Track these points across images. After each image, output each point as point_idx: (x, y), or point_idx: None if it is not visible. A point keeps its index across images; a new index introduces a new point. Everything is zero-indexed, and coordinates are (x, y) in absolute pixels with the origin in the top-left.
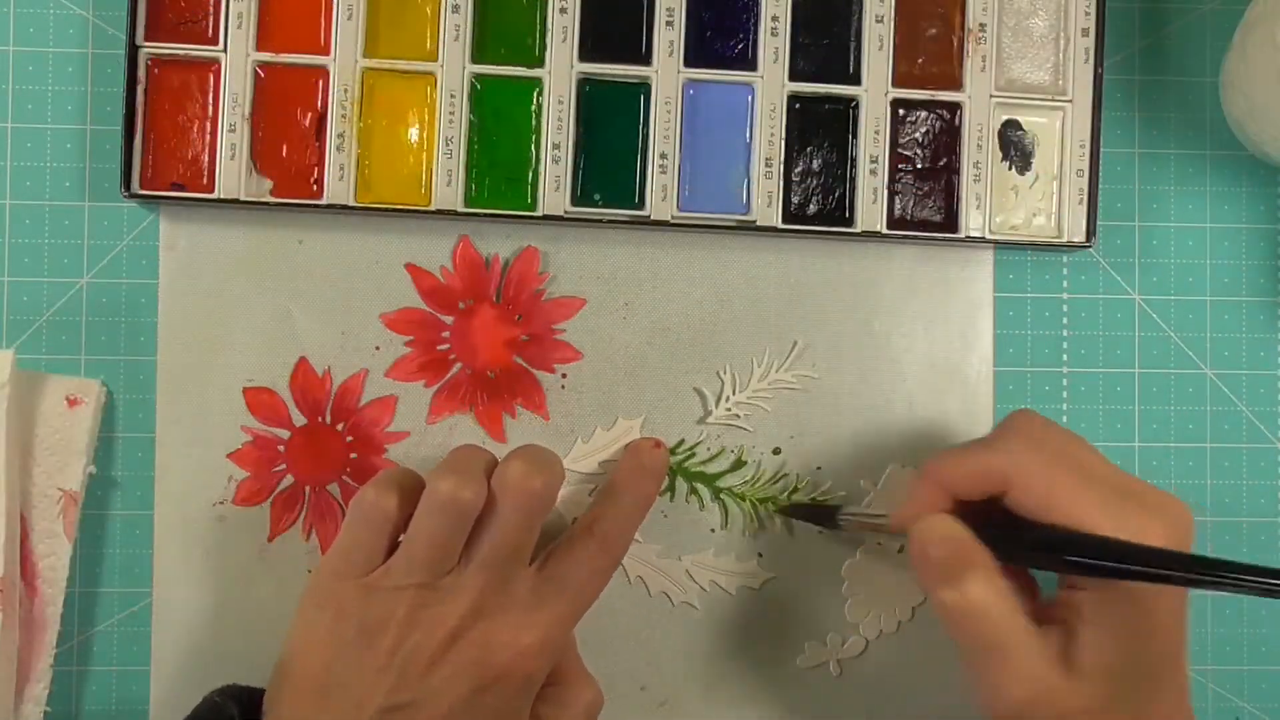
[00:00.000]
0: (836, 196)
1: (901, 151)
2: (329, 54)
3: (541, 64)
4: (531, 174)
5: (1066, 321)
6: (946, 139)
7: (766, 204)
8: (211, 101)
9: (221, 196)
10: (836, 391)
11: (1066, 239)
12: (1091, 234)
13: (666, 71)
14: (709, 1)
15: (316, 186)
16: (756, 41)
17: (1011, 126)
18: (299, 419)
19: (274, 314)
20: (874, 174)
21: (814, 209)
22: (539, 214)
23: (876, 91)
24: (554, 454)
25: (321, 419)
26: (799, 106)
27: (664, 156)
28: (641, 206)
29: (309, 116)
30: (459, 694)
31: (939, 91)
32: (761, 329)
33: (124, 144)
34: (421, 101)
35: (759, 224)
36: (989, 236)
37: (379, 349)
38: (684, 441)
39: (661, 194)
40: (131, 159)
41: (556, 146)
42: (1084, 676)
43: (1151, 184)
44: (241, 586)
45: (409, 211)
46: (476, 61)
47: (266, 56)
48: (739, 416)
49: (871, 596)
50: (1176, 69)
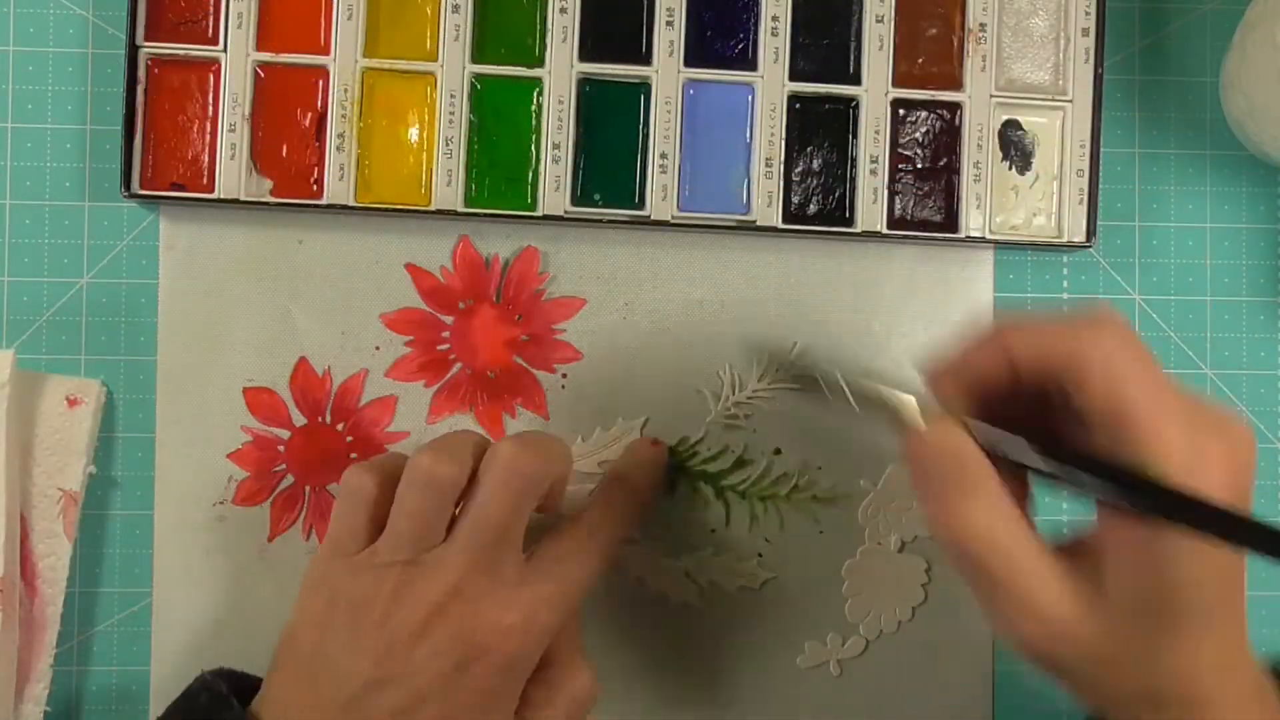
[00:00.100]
0: (836, 196)
1: (902, 151)
2: (329, 54)
3: (541, 64)
4: (531, 174)
5: None
6: (947, 139)
7: (766, 204)
8: (211, 101)
9: (221, 196)
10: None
11: (1066, 239)
12: (1091, 234)
13: (666, 71)
14: (709, 1)
15: (316, 186)
16: (756, 41)
17: (1011, 126)
18: (299, 419)
19: (274, 314)
20: (874, 174)
21: (814, 209)
22: (539, 214)
23: (876, 91)
24: (558, 442)
25: (321, 419)
26: (799, 106)
27: (664, 156)
28: (641, 206)
29: (309, 116)
30: (439, 670)
31: (939, 91)
32: (760, 329)
33: (124, 144)
34: (421, 101)
35: (759, 224)
36: (989, 236)
37: (379, 349)
38: (686, 439)
39: (661, 194)
40: (131, 159)
41: (556, 146)
42: (1112, 612)
43: (1151, 184)
44: (241, 586)
45: (409, 211)
46: (476, 61)
47: (266, 56)
48: (739, 416)
49: (871, 596)
50: (1176, 69)
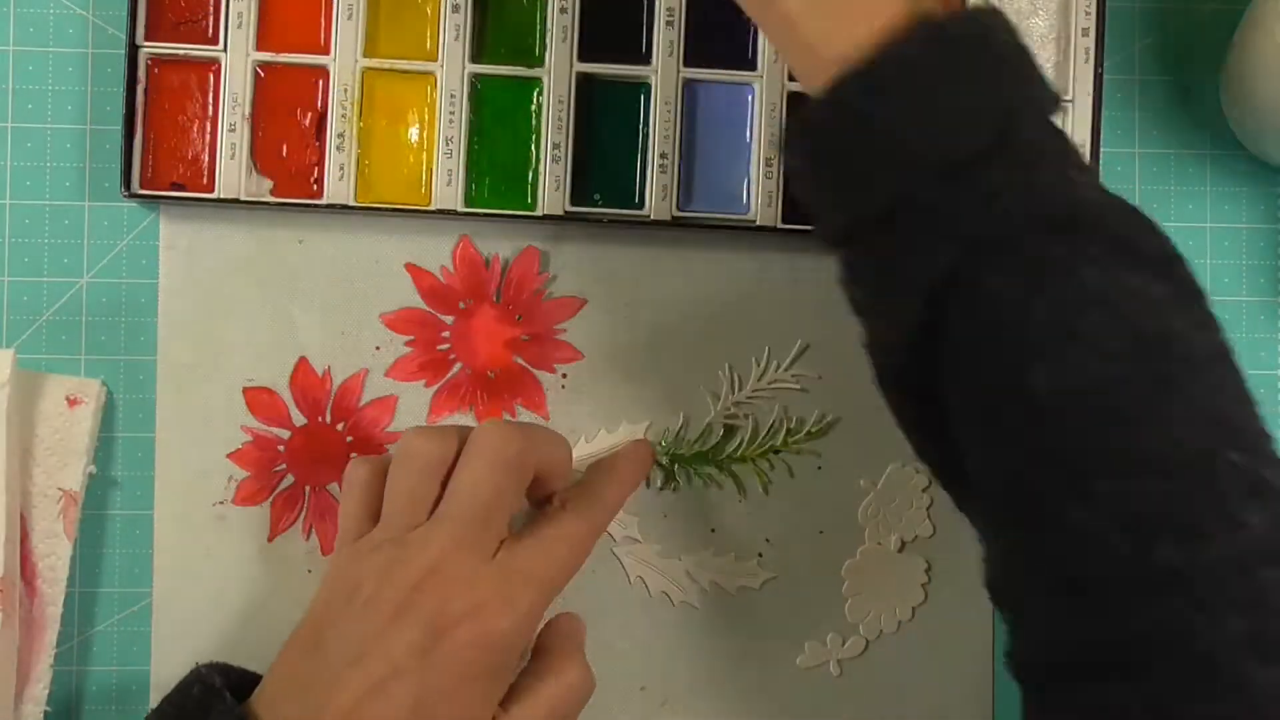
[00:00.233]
0: None
1: None
2: (329, 54)
3: (541, 64)
4: (531, 174)
5: None
6: None
7: (766, 204)
8: (211, 101)
9: (221, 196)
10: (837, 390)
11: None
12: None
13: (666, 71)
14: (709, 1)
15: (316, 186)
16: (756, 41)
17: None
18: (299, 419)
19: (274, 314)
20: None
21: None
22: (539, 214)
23: None
24: (551, 431)
25: (321, 419)
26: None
27: (664, 156)
28: (641, 206)
29: (309, 116)
30: (412, 644)
31: None
32: (762, 329)
33: (124, 144)
34: (421, 101)
35: (759, 224)
36: None
37: (379, 349)
38: (667, 430)
39: (661, 194)
40: (131, 159)
41: (556, 146)
42: None
43: (1151, 184)
44: (241, 587)
45: (409, 211)
46: (476, 61)
47: (266, 56)
48: (738, 416)
49: (871, 596)
50: (1176, 69)
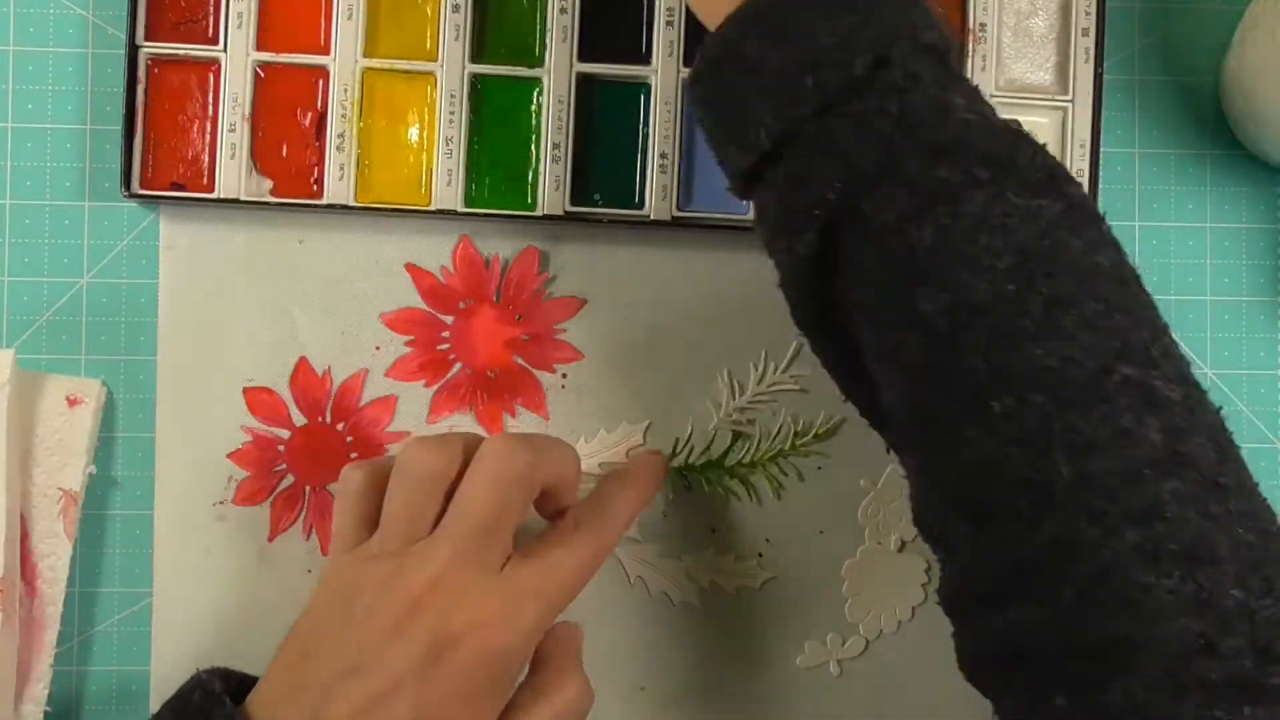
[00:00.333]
0: None
1: None
2: (329, 54)
3: (541, 64)
4: (531, 174)
5: None
6: None
7: None
8: (211, 101)
9: (221, 196)
10: (837, 391)
11: None
12: None
13: (666, 71)
14: None
15: (316, 186)
16: None
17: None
18: (299, 419)
19: (274, 314)
20: None
21: None
22: (539, 214)
23: None
24: (560, 443)
25: (321, 419)
26: None
27: (664, 156)
28: (641, 206)
29: (309, 116)
30: (413, 659)
31: None
32: (762, 328)
33: (124, 144)
34: (421, 101)
35: None
36: None
37: (379, 349)
38: (677, 441)
39: (661, 194)
40: (131, 159)
41: (556, 146)
42: None
43: (1151, 184)
44: (241, 586)
45: (409, 211)
46: (476, 61)
47: (266, 56)
48: (743, 423)
49: (871, 596)
50: (1176, 69)
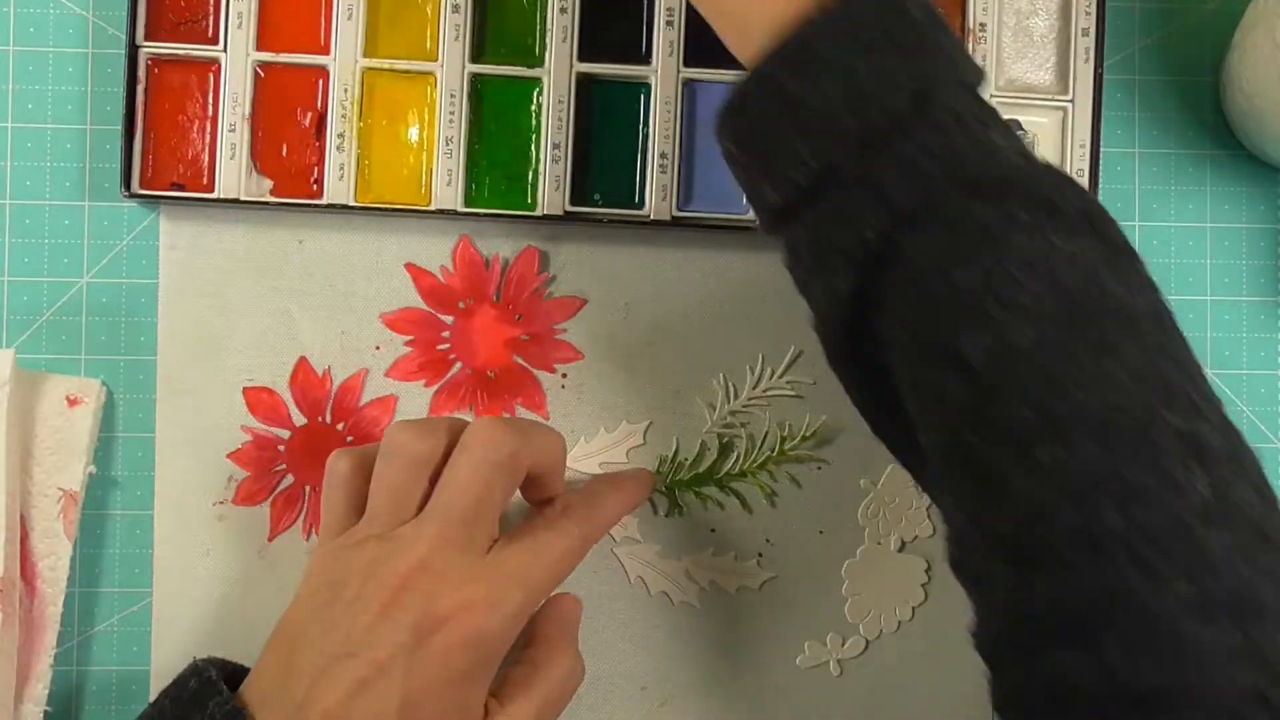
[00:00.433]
0: None
1: None
2: (329, 54)
3: (541, 64)
4: (531, 174)
5: None
6: None
7: None
8: (211, 101)
9: (221, 196)
10: (836, 392)
11: None
12: None
13: (666, 71)
14: None
15: (316, 186)
16: None
17: (1012, 126)
18: (299, 419)
19: (274, 314)
20: None
21: None
22: (539, 214)
23: None
24: (546, 429)
25: (322, 419)
26: None
27: (664, 156)
28: (641, 206)
29: (309, 116)
30: (399, 643)
31: None
32: (761, 329)
33: (124, 144)
34: (421, 101)
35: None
36: None
37: (379, 349)
38: (664, 458)
39: (661, 194)
40: (131, 159)
41: (556, 146)
42: None
43: (1151, 184)
44: (241, 586)
45: (409, 211)
46: (476, 61)
47: (266, 56)
48: (735, 425)
49: (871, 596)
50: (1176, 69)
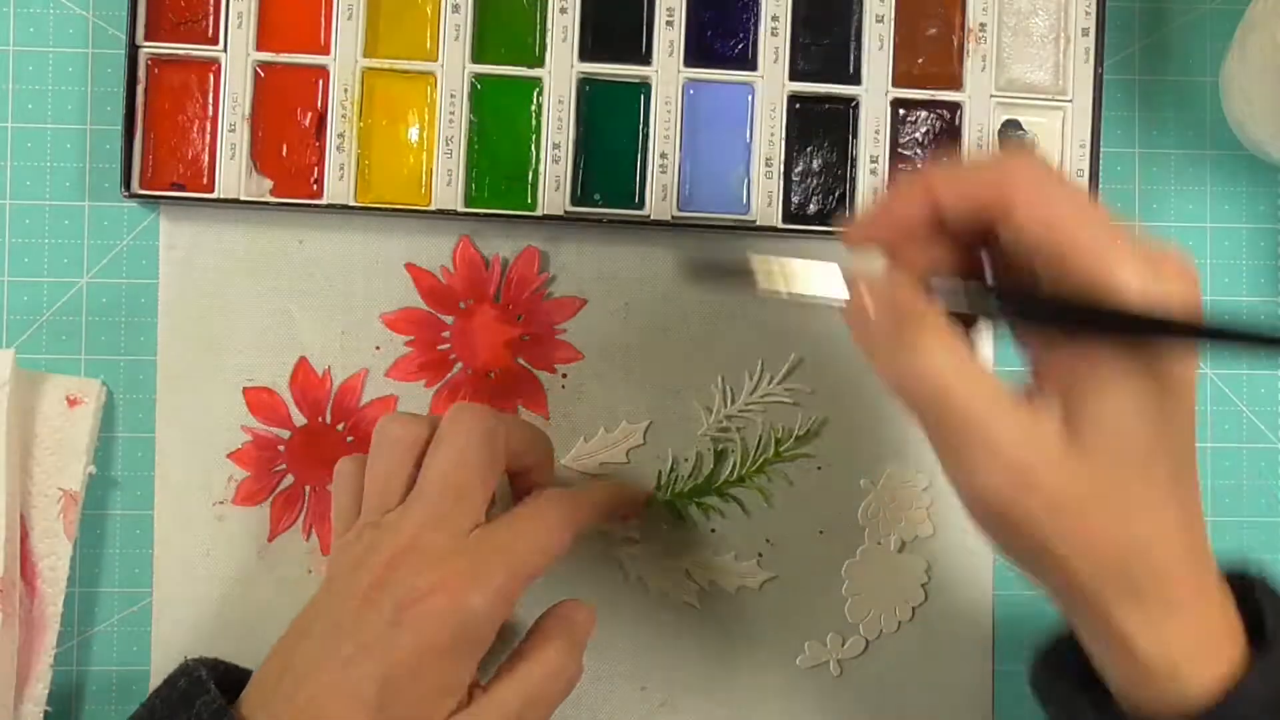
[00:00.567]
0: (837, 196)
1: (902, 151)
2: (329, 54)
3: (541, 64)
4: (531, 174)
5: None
6: (947, 139)
7: (766, 204)
8: (211, 101)
9: (221, 196)
10: (836, 392)
11: None
12: None
13: (666, 71)
14: (709, 1)
15: (316, 186)
16: (756, 41)
17: (1011, 126)
18: (299, 419)
19: (274, 314)
20: (874, 174)
21: (814, 209)
22: (539, 214)
23: (876, 91)
24: (526, 420)
25: (322, 419)
26: (799, 106)
27: (664, 156)
28: (641, 206)
29: (309, 116)
30: (382, 621)
31: (939, 91)
32: (761, 329)
33: (124, 144)
34: (421, 101)
35: (759, 224)
36: None
37: (379, 349)
38: (676, 472)
39: (661, 194)
40: (131, 159)
41: (556, 146)
42: (1086, 457)
43: (1151, 184)
44: (241, 586)
45: (409, 211)
46: (476, 61)
47: (266, 56)
48: (731, 429)
49: (871, 596)
50: (1176, 69)
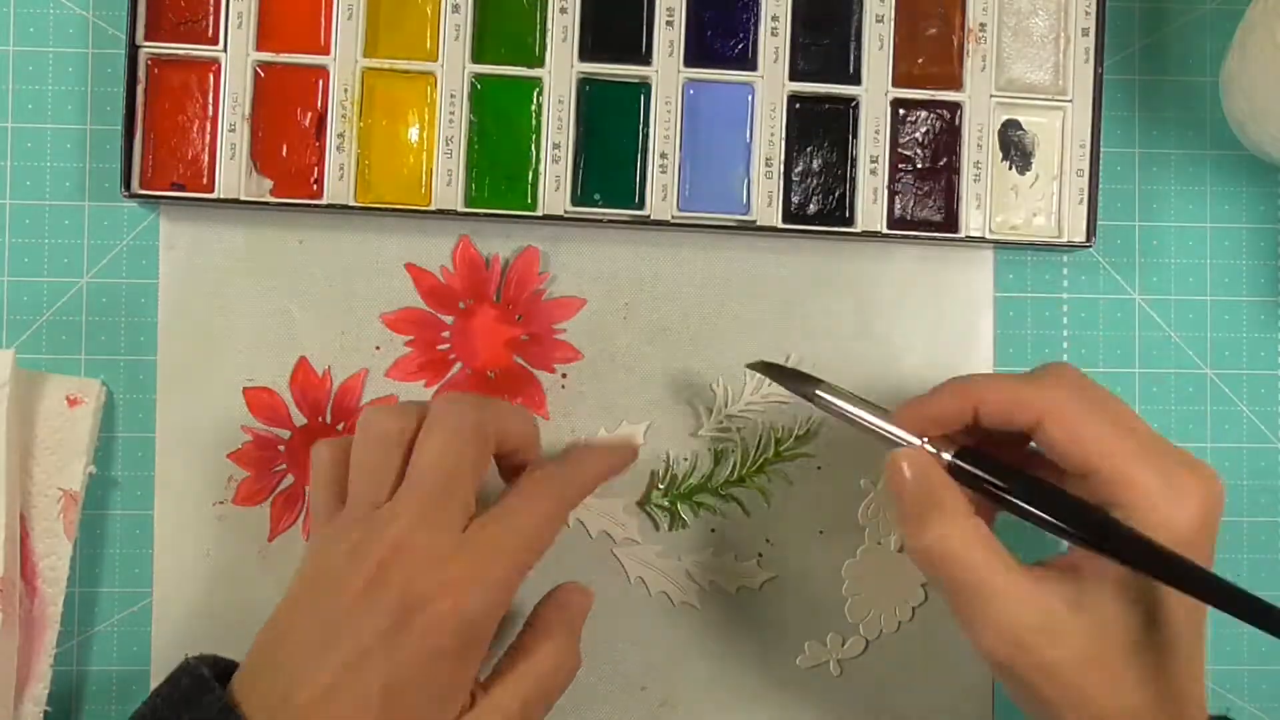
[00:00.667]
0: (837, 196)
1: (902, 151)
2: (329, 54)
3: (541, 64)
4: (531, 174)
5: (1066, 321)
6: (946, 139)
7: (766, 204)
8: (211, 101)
9: (221, 196)
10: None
11: (1066, 239)
12: (1091, 234)
13: (666, 71)
14: (709, 1)
15: (316, 186)
16: (756, 41)
17: (1012, 126)
18: (299, 419)
19: (274, 314)
20: (874, 174)
21: (814, 209)
22: (539, 214)
23: (876, 91)
24: (513, 405)
25: (321, 419)
26: (799, 106)
27: (664, 156)
28: (641, 206)
29: (309, 116)
30: (381, 626)
31: (939, 91)
32: (761, 329)
33: (124, 144)
34: (421, 101)
35: (759, 224)
36: (989, 236)
37: (379, 349)
38: (673, 472)
39: (661, 194)
40: (131, 159)
41: (556, 146)
42: (1081, 632)
43: (1151, 184)
44: (241, 586)
45: (409, 211)
46: (476, 61)
47: (266, 56)
48: (731, 430)
49: (871, 596)
50: (1176, 69)
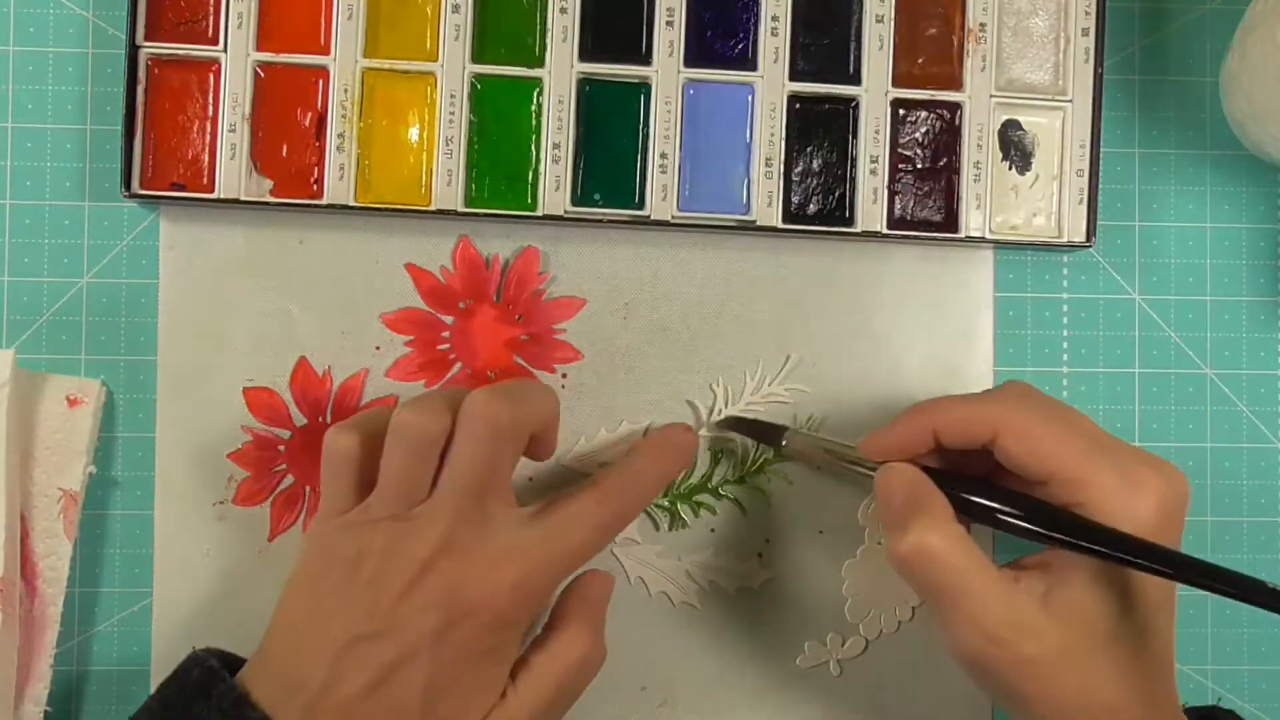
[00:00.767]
0: (836, 196)
1: (901, 151)
2: (329, 54)
3: (541, 64)
4: (531, 174)
5: (1066, 321)
6: (946, 139)
7: (766, 204)
8: (211, 101)
9: (221, 196)
10: (836, 392)
11: (1066, 239)
12: (1091, 234)
13: (666, 71)
14: (709, 1)
15: (316, 186)
16: (756, 41)
17: (1011, 126)
18: (299, 419)
19: (274, 314)
20: (874, 174)
21: (814, 209)
22: (539, 214)
23: (876, 91)
24: (537, 386)
25: (322, 419)
26: (799, 106)
27: (664, 156)
28: (641, 206)
29: (309, 116)
30: (428, 626)
31: (939, 91)
32: (761, 329)
33: (124, 144)
34: (421, 101)
35: (759, 224)
36: (989, 236)
37: (379, 349)
38: None
39: (661, 194)
40: (131, 159)
41: (556, 146)
42: (1055, 628)
43: (1151, 184)
44: (241, 586)
45: (409, 211)
46: (476, 61)
47: (266, 56)
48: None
49: (871, 596)
50: (1176, 69)
